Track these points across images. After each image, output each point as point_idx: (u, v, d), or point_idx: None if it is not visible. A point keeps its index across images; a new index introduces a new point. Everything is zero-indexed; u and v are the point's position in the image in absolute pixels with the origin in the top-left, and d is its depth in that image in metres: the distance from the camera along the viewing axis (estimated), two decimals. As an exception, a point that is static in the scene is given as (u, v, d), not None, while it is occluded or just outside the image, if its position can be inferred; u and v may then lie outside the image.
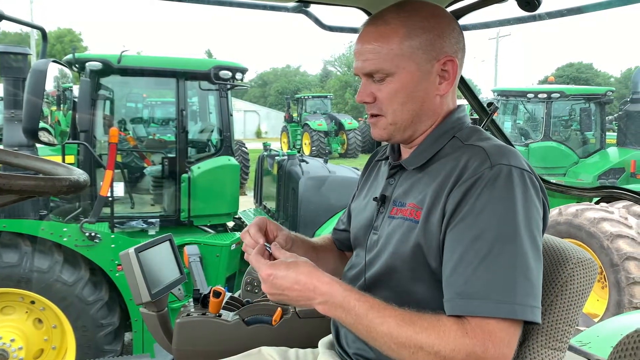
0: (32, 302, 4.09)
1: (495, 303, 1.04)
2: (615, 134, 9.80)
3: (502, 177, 1.12)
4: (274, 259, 1.23)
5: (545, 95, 9.32)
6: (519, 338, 1.10)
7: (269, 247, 1.26)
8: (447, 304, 1.11)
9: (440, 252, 1.17)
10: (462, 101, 1.84)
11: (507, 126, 10.14)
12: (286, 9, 2.06)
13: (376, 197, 1.36)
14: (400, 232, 1.23)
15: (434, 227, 1.17)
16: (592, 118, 9.27)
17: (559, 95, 9.33)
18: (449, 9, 1.81)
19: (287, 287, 1.14)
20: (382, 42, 1.23)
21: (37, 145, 4.28)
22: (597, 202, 6.02)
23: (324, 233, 2.08)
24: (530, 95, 9.58)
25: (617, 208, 5.72)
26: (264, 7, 2.13)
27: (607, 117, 10.07)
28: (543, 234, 1.21)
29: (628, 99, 9.06)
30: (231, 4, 2.13)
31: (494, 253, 1.07)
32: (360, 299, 1.12)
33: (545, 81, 26.68)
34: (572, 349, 1.76)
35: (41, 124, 1.46)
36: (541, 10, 1.61)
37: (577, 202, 6.17)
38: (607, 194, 2.02)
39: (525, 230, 1.09)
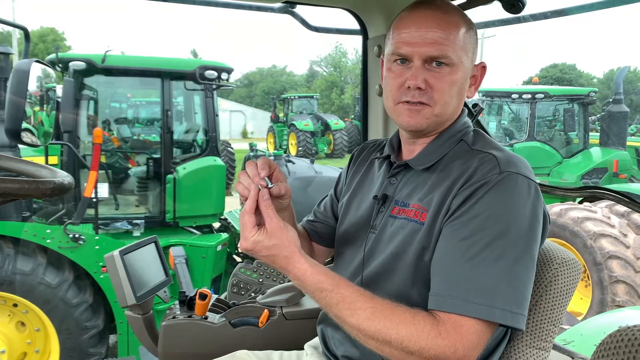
0: (15, 305, 4.04)
1: (474, 304, 1.05)
2: (598, 134, 9.92)
3: (509, 183, 1.12)
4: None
5: (529, 96, 9.41)
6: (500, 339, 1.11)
7: (269, 183, 1.21)
8: (430, 297, 1.11)
9: None
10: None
11: (492, 126, 10.22)
12: (272, 10, 2.06)
13: (376, 196, 1.34)
14: (403, 234, 1.22)
15: (438, 226, 1.16)
16: (576, 118, 9.38)
17: (543, 95, 9.42)
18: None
19: (265, 261, 1.19)
20: (450, 30, 1.20)
21: (20, 146, 4.23)
22: (580, 202, 6.11)
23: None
24: (514, 96, 9.66)
25: (600, 207, 5.79)
26: (250, 8, 2.13)
27: (590, 118, 10.19)
28: (541, 245, 1.21)
29: (610, 100, 9.18)
30: (217, 4, 2.12)
31: (482, 255, 1.07)
32: (334, 290, 1.11)
33: (529, 82, 26.92)
34: (556, 347, 1.78)
35: (24, 125, 1.44)
36: (525, 12, 1.63)
37: (561, 202, 6.24)
38: (590, 193, 2.04)
39: (521, 238, 1.09)
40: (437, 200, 1.18)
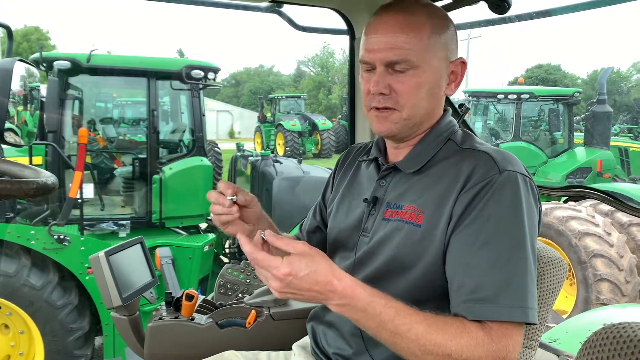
0: (-2, 307, 3.99)
1: (511, 308, 1.07)
2: (583, 134, 10.03)
3: (510, 183, 1.13)
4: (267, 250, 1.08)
5: (515, 96, 9.49)
6: None
7: (264, 235, 1.08)
8: (461, 307, 1.10)
9: (442, 257, 1.16)
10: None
11: (478, 126, 10.28)
12: (259, 9, 2.05)
13: (366, 199, 1.32)
14: (399, 236, 1.21)
15: (439, 231, 1.16)
16: (561, 118, 9.48)
17: (528, 96, 9.51)
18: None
19: (305, 288, 1.02)
20: (413, 32, 1.20)
21: (3, 146, 4.18)
22: (565, 201, 6.18)
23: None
24: (500, 96, 9.74)
25: (585, 207, 5.86)
26: (237, 7, 2.12)
27: (574, 118, 10.30)
28: None
29: (594, 100, 9.28)
30: (203, 3, 2.11)
31: (504, 258, 1.09)
32: (387, 304, 1.05)
33: (515, 82, 27.15)
34: (542, 345, 1.79)
35: (7, 125, 1.42)
36: (511, 12, 1.64)
37: (547, 201, 6.30)
38: (575, 193, 2.07)
39: (528, 236, 1.12)
40: (434, 203, 1.18)
